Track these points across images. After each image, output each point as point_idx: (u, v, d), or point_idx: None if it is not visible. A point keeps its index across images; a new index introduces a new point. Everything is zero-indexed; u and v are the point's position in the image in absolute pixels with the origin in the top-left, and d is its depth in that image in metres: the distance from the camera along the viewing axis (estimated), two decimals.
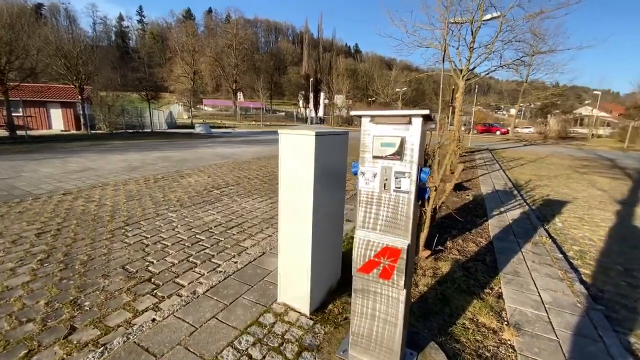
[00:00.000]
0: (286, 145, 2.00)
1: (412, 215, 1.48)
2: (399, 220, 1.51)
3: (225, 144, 15.07)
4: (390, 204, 1.52)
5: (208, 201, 5.15)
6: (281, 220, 2.15)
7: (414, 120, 1.40)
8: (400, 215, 1.50)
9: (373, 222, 1.58)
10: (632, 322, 2.47)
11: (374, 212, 1.57)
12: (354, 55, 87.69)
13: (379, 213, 1.56)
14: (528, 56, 13.45)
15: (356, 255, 1.63)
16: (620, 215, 5.64)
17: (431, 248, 3.37)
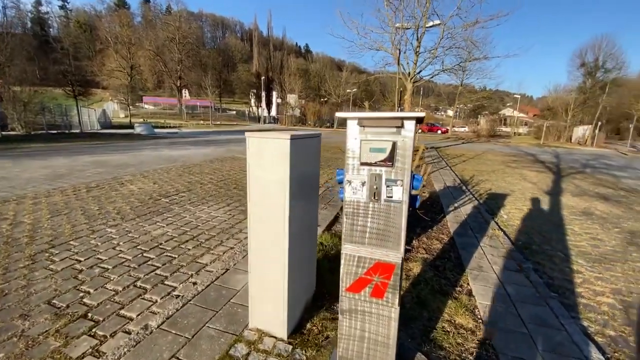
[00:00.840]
0: (256, 151, 1.75)
1: (404, 226, 1.36)
2: (390, 232, 1.38)
3: (171, 146, 13.84)
4: (380, 214, 1.38)
5: (155, 212, 4.57)
6: (251, 236, 1.89)
7: (406, 124, 1.27)
8: (391, 226, 1.37)
9: (360, 235, 1.43)
10: (582, 307, 2.70)
11: (362, 224, 1.42)
12: (304, 56, 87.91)
13: (367, 225, 1.42)
14: (465, 62, 14.69)
15: (344, 274, 1.46)
16: (552, 204, 6.37)
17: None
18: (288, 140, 1.64)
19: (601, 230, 4.86)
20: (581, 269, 3.46)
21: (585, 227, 4.99)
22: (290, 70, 47.74)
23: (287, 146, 1.65)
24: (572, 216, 5.61)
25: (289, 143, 1.65)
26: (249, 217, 1.87)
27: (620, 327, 2.43)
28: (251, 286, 1.97)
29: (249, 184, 1.82)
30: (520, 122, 54.66)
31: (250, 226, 1.88)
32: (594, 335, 2.30)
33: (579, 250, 4.00)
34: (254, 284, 1.96)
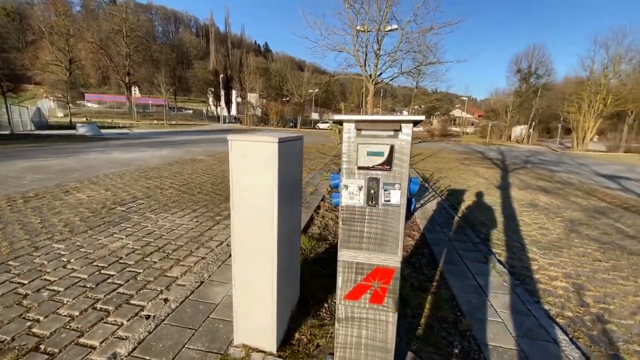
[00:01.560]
0: (240, 155, 1.63)
1: (402, 230, 1.35)
2: (388, 236, 1.36)
3: (122, 148, 12.68)
4: (378, 219, 1.36)
5: (111, 222, 4.13)
6: (235, 245, 1.76)
7: (404, 127, 1.26)
8: (389, 231, 1.36)
9: (358, 240, 1.40)
10: (542, 292, 2.96)
11: (359, 229, 1.39)
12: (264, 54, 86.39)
13: (364, 230, 1.39)
14: (421, 65, 15.51)
15: (342, 281, 1.42)
16: (503, 198, 6.96)
17: None
18: (276, 143, 1.55)
19: (546, 220, 5.41)
20: (535, 257, 3.81)
21: (534, 218, 5.52)
22: (250, 68, 46.42)
23: (275, 149, 1.56)
24: (521, 208, 6.18)
25: (277, 146, 1.56)
26: (232, 225, 1.74)
27: (576, 308, 2.70)
28: (236, 299, 1.84)
29: (232, 190, 1.69)
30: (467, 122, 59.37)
31: (234, 235, 1.75)
32: (555, 317, 2.53)
33: (531, 239, 4.41)
34: (238, 296, 1.84)
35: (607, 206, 6.69)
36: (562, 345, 2.11)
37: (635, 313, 2.68)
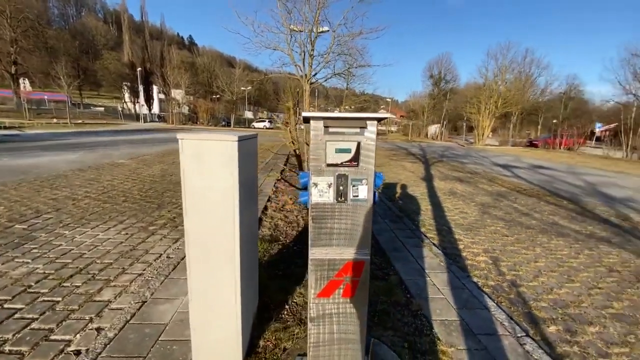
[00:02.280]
0: (194, 155, 1.48)
1: (370, 223, 1.41)
2: (358, 230, 1.40)
3: (13, 153, 10.29)
4: (348, 214, 1.39)
5: (9, 244, 3.33)
6: (191, 258, 1.60)
7: (369, 124, 1.31)
8: (359, 225, 1.40)
9: (328, 237, 1.41)
10: (470, 267, 3.43)
11: (329, 226, 1.40)
12: (189, 48, 79.97)
13: (334, 227, 1.40)
14: (351, 68, 16.35)
15: (314, 280, 1.41)
16: (428, 188, 7.82)
17: None
18: (236, 142, 1.45)
19: (464, 205, 6.27)
20: (461, 237, 4.39)
21: (454, 204, 6.34)
22: (173, 62, 42.34)
23: (235, 149, 1.46)
24: (444, 196, 7.04)
25: (237, 145, 1.47)
26: (186, 233, 1.57)
27: (496, 278, 3.20)
28: (193, 314, 1.68)
29: (184, 195, 1.53)
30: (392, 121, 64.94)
31: (188, 244, 1.59)
32: (482, 287, 2.96)
33: (455, 223, 5.05)
34: (197, 310, 1.67)
35: (506, 190, 8.07)
36: (491, 310, 2.47)
37: (537, 276, 3.30)
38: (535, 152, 25.27)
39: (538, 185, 9.09)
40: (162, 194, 5.74)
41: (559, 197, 7.54)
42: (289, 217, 4.55)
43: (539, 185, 9.21)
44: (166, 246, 3.47)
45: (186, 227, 1.56)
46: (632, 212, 6.46)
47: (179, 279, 2.65)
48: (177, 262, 2.96)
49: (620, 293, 3.04)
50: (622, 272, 3.52)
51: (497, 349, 2.03)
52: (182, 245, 3.50)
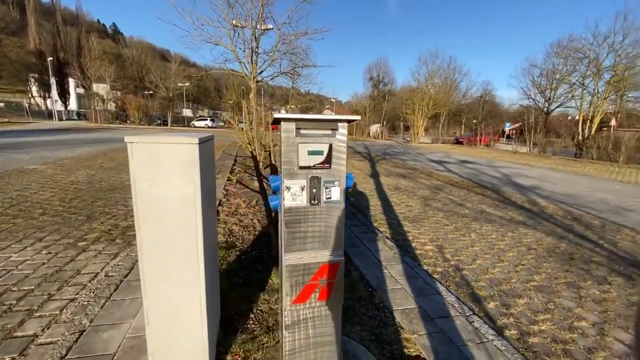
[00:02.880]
0: (147, 161, 1.32)
1: (343, 225, 1.42)
2: (331, 232, 1.40)
3: None
4: (321, 217, 1.38)
5: None
6: (146, 277, 1.42)
7: (340, 126, 1.32)
8: (332, 227, 1.40)
9: (302, 241, 1.39)
10: (420, 257, 3.70)
11: (303, 229, 1.38)
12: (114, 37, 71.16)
13: (308, 230, 1.38)
14: (296, 67, 16.39)
15: (289, 287, 1.37)
16: (376, 184, 8.25)
17: None
18: (196, 144, 1.33)
19: (409, 199, 6.76)
20: (409, 229, 4.72)
21: (400, 198, 6.80)
22: (94, 52, 37.20)
23: (196, 152, 1.34)
24: (390, 191, 7.50)
25: (198, 148, 1.35)
26: (139, 251, 1.40)
27: (442, 264, 3.52)
28: (152, 338, 1.50)
29: (137, 207, 1.35)
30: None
31: (143, 260, 1.41)
32: (432, 274, 3.23)
33: (403, 216, 5.42)
34: (156, 334, 1.50)
35: (441, 184, 8.93)
36: (443, 294, 2.71)
37: (475, 259, 3.72)
38: (461, 149, 28.44)
39: (467, 178, 10.25)
40: (92, 203, 5.02)
41: (484, 188, 8.61)
42: (244, 220, 4.37)
43: (467, 178, 10.39)
44: (103, 263, 3.05)
45: (140, 242, 1.39)
46: (539, 197, 7.68)
47: (124, 300, 2.35)
48: (119, 281, 2.62)
49: (538, 268, 3.59)
50: (537, 250, 4.16)
51: (451, 330, 2.23)
52: (123, 260, 3.11)
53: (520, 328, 2.45)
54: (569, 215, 6.06)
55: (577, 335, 2.41)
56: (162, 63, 49.70)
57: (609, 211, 6.57)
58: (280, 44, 13.94)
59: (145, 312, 1.45)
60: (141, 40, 67.49)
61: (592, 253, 4.14)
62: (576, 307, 2.83)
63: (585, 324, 2.57)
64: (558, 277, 3.40)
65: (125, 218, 4.43)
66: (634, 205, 7.34)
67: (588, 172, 14.14)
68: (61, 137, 16.47)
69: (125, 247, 3.48)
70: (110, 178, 7.05)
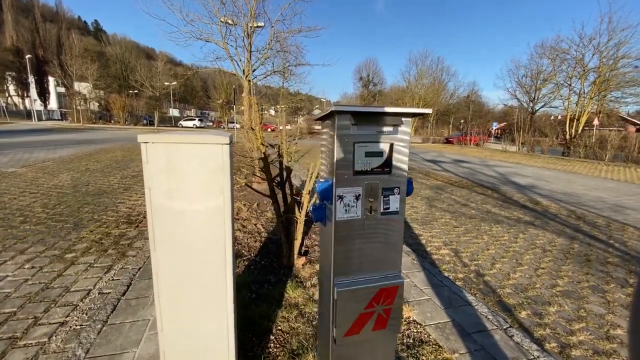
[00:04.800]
0: (165, 166, 1.06)
1: (402, 241, 1.20)
2: (389, 249, 1.18)
3: None
4: (378, 231, 1.15)
5: None
6: (163, 311, 1.16)
7: (404, 121, 1.09)
8: (390, 243, 1.17)
9: (357, 261, 1.15)
10: (438, 262, 3.52)
11: (358, 247, 1.14)
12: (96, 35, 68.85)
13: (363, 248, 1.15)
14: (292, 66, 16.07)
15: (342, 317, 1.13)
16: None
17: (301, 253, 3.21)
18: (228, 144, 1.08)
19: (412, 200, 6.60)
20: (420, 232, 4.54)
21: None
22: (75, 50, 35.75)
23: (227, 155, 1.09)
24: None
25: (229, 150, 1.09)
26: (155, 277, 1.13)
27: (462, 270, 3.34)
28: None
29: (153, 225, 1.09)
30: None
31: (159, 286, 1.15)
32: (455, 281, 3.04)
33: (411, 218, 5.24)
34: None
35: (441, 184, 8.83)
36: (473, 305, 2.52)
37: (493, 264, 3.56)
38: (452, 148, 28.71)
39: (465, 177, 10.21)
40: (79, 209, 4.63)
41: (484, 187, 8.55)
42: (247, 226, 4.09)
43: (465, 177, 10.35)
44: (95, 278, 2.73)
45: (155, 267, 1.12)
46: (539, 197, 7.66)
47: (124, 323, 2.05)
48: (116, 300, 2.32)
49: (558, 271, 3.46)
50: (552, 251, 4.04)
51: (492, 346, 2.04)
52: (119, 274, 2.80)
53: (559, 340, 2.28)
54: (572, 215, 6.02)
55: (617, 345, 2.27)
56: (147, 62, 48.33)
57: (609, 209, 6.59)
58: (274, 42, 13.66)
59: (161, 352, 1.19)
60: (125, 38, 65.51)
61: (606, 254, 4.06)
62: (607, 313, 2.69)
63: (621, 332, 2.43)
64: (581, 280, 3.27)
65: (117, 225, 4.08)
66: (631, 202, 7.41)
67: (578, 170, 14.40)
68: (41, 138, 15.67)
69: (120, 258, 3.15)
70: (97, 181, 6.62)
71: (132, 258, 3.15)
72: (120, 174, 7.61)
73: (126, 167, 8.61)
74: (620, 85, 21.65)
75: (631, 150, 18.51)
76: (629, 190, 9.43)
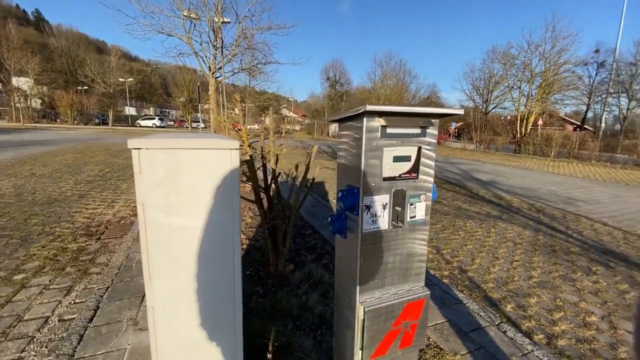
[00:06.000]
0: (164, 176, 0.88)
1: (426, 250, 1.12)
2: (414, 260, 1.10)
3: None
4: (405, 242, 1.06)
5: None
6: (161, 345, 0.97)
7: (433, 122, 1.02)
8: (415, 254, 1.09)
9: (382, 275, 1.06)
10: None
11: (384, 260, 1.05)
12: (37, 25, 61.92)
13: (388, 261, 1.06)
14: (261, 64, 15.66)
15: (369, 337, 1.03)
16: None
17: (288, 259, 3.06)
18: (237, 150, 0.93)
19: None
20: None
21: None
22: (13, 42, 31.79)
23: (237, 161, 0.94)
24: None
25: (238, 156, 0.94)
26: (150, 312, 0.94)
27: (446, 267, 3.41)
28: None
29: (148, 248, 0.90)
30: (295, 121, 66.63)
31: (155, 319, 0.96)
32: (442, 279, 3.09)
33: None
34: None
35: None
36: (465, 302, 2.56)
37: (473, 259, 3.68)
38: None
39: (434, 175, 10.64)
40: (25, 221, 4.05)
41: (451, 184, 8.97)
42: None
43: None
44: (53, 302, 2.36)
45: (151, 298, 0.93)
46: (502, 192, 8.19)
47: (96, 355, 1.77)
48: (83, 327, 2.01)
49: (530, 262, 3.67)
50: (522, 244, 4.29)
51: (490, 343, 2.07)
52: (81, 296, 2.45)
53: (545, 331, 2.39)
54: (533, 208, 6.49)
55: (595, 331, 2.42)
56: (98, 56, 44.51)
57: (562, 202, 7.21)
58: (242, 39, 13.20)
59: None
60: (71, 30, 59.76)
61: (568, 244, 4.40)
62: (580, 300, 2.88)
63: (595, 318, 2.61)
64: (551, 270, 3.49)
65: (74, 238, 3.62)
66: (580, 195, 8.19)
67: (530, 166, 15.69)
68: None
69: (81, 277, 2.78)
70: (46, 188, 5.88)
71: (97, 276, 2.79)
72: (73, 179, 6.85)
73: (79, 171, 7.79)
74: (561, 89, 24.02)
75: (572, 147, 20.61)
76: (575, 183, 10.44)
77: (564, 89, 23.72)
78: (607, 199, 7.70)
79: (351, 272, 1.04)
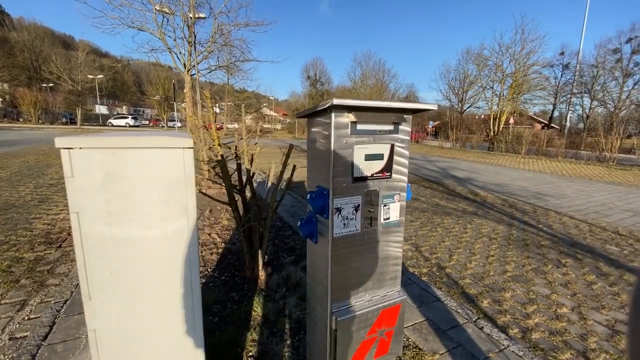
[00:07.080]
0: (102, 180, 0.77)
1: (401, 253, 1.07)
2: (388, 264, 1.04)
3: None
4: (378, 245, 1.00)
5: None
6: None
7: (406, 118, 0.96)
8: (389, 258, 1.04)
9: (356, 282, 0.99)
10: (404, 259, 3.56)
11: (356, 265, 0.98)
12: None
13: (362, 266, 0.99)
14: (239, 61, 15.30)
15: (343, 349, 0.96)
16: None
17: (265, 262, 2.96)
18: (190, 148, 0.83)
19: None
20: None
21: None
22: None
23: (190, 161, 0.84)
24: None
25: (191, 155, 0.84)
26: (93, 334, 0.83)
27: (425, 264, 3.43)
28: None
29: (85, 261, 0.78)
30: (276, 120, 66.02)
31: (101, 355, 0.84)
32: (421, 277, 3.09)
33: None
34: None
35: None
36: (443, 300, 2.57)
37: (451, 255, 3.73)
38: None
39: (412, 173, 10.81)
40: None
41: (429, 182, 9.14)
42: (200, 236, 3.67)
43: (412, 172, 10.96)
44: (5, 319, 2.14)
45: (92, 320, 0.82)
46: (477, 188, 8.44)
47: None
48: (36, 346, 1.82)
49: (505, 257, 3.77)
50: (497, 239, 4.41)
51: (467, 341, 2.07)
52: (36, 311, 2.24)
53: (519, 324, 2.43)
54: (505, 203, 6.72)
55: (566, 323, 2.50)
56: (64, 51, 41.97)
57: (532, 197, 7.52)
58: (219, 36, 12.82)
59: None
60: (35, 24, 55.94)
61: (539, 237, 4.56)
62: (551, 293, 2.98)
63: (566, 310, 2.70)
64: (524, 264, 3.59)
65: (31, 247, 3.33)
66: (548, 190, 8.58)
67: (502, 163, 16.34)
68: None
69: (37, 289, 2.55)
70: (2, 193, 5.43)
71: (55, 288, 2.57)
72: (33, 182, 6.36)
73: (41, 174, 7.26)
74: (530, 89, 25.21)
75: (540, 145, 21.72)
76: (544, 179, 10.95)
77: (532, 89, 24.93)
78: (573, 194, 8.11)
79: (323, 279, 0.97)
